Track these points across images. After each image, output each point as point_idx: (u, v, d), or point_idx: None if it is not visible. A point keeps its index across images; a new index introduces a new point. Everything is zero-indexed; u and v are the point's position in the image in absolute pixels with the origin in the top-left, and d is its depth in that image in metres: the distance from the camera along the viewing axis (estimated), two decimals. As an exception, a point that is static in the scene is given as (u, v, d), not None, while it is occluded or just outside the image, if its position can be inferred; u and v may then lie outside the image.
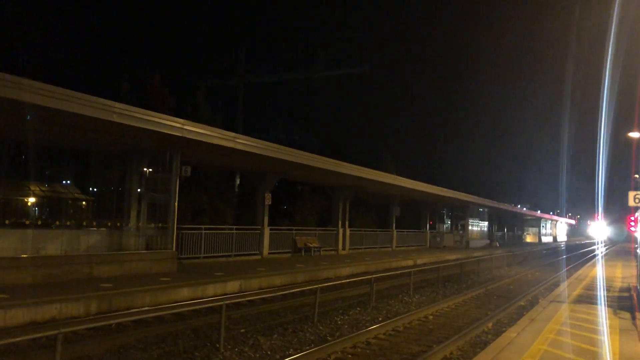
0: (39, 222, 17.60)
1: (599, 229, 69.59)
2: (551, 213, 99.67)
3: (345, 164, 25.59)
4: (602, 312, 12.34)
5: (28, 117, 13.05)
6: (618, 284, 19.03)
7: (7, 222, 15.59)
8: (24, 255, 14.61)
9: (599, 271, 24.69)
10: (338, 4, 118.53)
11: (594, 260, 35.39)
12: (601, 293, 15.99)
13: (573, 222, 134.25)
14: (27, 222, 16.43)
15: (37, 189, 18.41)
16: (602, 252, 37.99)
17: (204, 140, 16.98)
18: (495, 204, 55.80)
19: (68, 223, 17.80)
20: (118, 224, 18.63)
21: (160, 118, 15.50)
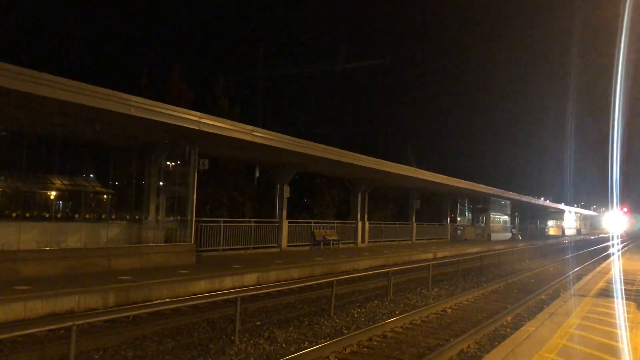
0: (59, 216, 17.77)
1: (616, 220, 62.38)
2: (575, 205, 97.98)
3: (362, 156, 25.42)
4: (625, 306, 12.06)
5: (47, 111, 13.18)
6: (643, 277, 18.59)
7: (27, 215, 15.76)
8: (45, 248, 14.82)
9: (623, 265, 24.21)
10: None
11: (618, 254, 34.74)
12: (625, 287, 15.65)
13: (597, 214, 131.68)
14: (47, 215, 16.60)
15: (59, 182, 18.61)
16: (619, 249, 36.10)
17: (220, 133, 17.00)
18: (517, 196, 55.10)
19: (87, 216, 17.98)
20: (137, 217, 18.80)
21: (176, 111, 15.55)
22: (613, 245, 49.31)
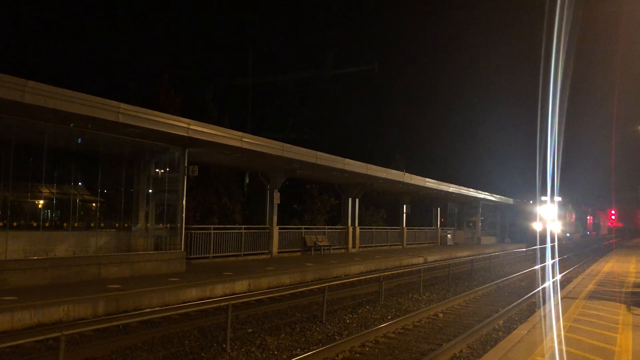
0: (47, 224, 17.58)
1: (549, 217, 46.70)
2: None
3: (352, 161, 25.46)
4: (615, 308, 12.13)
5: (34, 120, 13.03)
6: (632, 279, 18.74)
7: (14, 224, 15.57)
8: (33, 257, 14.64)
9: (612, 267, 24.40)
10: (346, 2, 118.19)
11: (606, 256, 35.01)
12: (614, 289, 15.76)
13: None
14: (35, 224, 16.42)
15: (47, 190, 18.39)
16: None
17: (209, 139, 16.94)
18: (505, 199, 55.33)
19: (76, 225, 17.79)
20: (126, 225, 18.63)
21: (165, 118, 15.48)
22: (597, 250, 49.37)
